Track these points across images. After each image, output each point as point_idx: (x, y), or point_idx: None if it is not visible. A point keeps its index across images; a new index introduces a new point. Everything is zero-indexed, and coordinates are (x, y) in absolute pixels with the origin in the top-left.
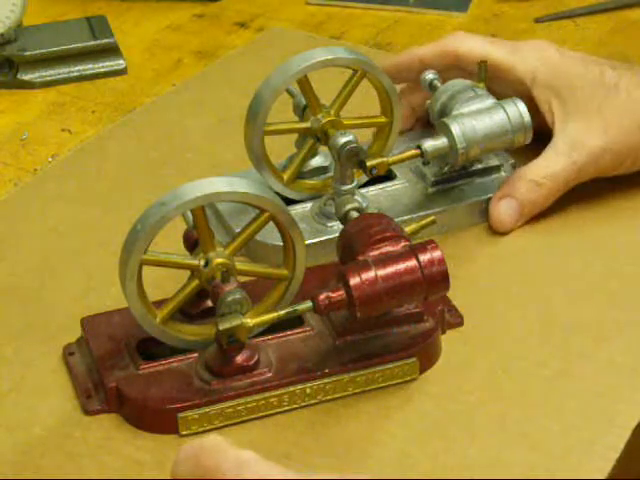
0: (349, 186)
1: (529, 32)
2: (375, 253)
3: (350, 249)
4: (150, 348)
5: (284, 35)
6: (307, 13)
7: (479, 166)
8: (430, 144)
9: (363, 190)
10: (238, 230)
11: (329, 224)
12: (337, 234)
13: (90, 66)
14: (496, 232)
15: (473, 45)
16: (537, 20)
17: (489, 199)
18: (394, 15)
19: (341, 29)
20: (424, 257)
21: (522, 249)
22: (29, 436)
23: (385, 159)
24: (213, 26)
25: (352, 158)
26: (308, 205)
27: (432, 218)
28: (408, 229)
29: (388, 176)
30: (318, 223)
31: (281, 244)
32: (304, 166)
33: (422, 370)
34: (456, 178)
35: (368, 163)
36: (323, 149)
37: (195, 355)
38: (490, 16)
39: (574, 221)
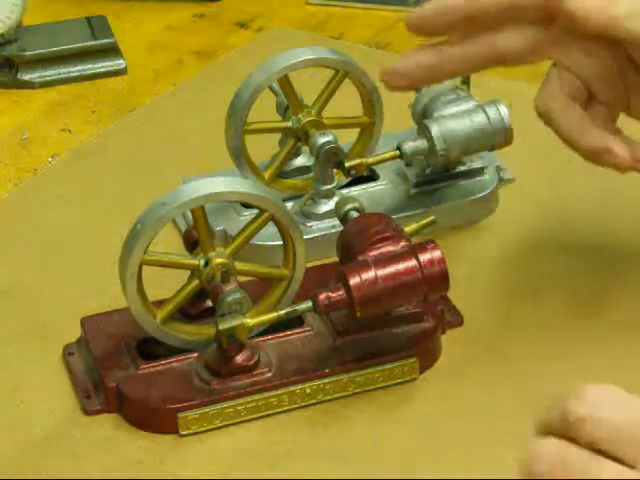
0: (329, 186)
1: None
2: (375, 253)
3: (350, 249)
4: (150, 348)
5: (284, 35)
6: (307, 13)
7: (462, 168)
8: (409, 145)
9: (344, 191)
10: (218, 228)
11: (309, 224)
12: (317, 234)
13: (90, 66)
14: None
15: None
16: None
17: (472, 201)
18: (394, 15)
19: (341, 29)
20: (424, 257)
21: (522, 249)
22: (29, 436)
23: (363, 160)
24: (213, 26)
25: (331, 158)
26: (288, 205)
27: (432, 218)
28: (408, 229)
29: (371, 177)
30: (298, 223)
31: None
32: (287, 165)
33: (422, 370)
34: (439, 180)
35: (347, 164)
36: (306, 149)
37: (195, 355)
38: None
39: (573, 222)
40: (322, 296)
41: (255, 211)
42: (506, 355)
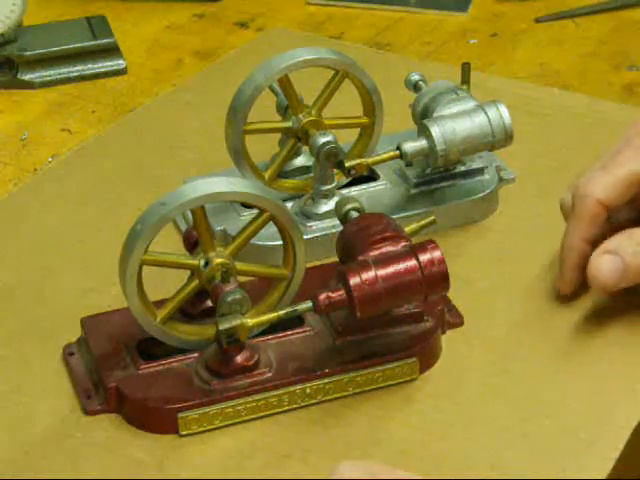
0: (329, 186)
1: (529, 32)
2: (375, 253)
3: (350, 249)
4: (150, 348)
5: (284, 35)
6: (307, 13)
7: (462, 168)
8: (410, 145)
9: (344, 191)
10: (218, 228)
11: (309, 224)
12: (317, 234)
13: (90, 66)
14: (592, 287)
15: None
16: (537, 20)
17: (472, 201)
18: (394, 15)
19: (341, 29)
20: (424, 257)
21: (522, 249)
22: (29, 436)
23: (363, 160)
24: (213, 26)
25: (331, 158)
26: (288, 205)
27: (432, 218)
28: (408, 229)
29: (371, 177)
30: (298, 223)
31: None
32: (287, 165)
33: (422, 370)
34: (439, 180)
35: (347, 164)
36: (306, 149)
37: (195, 355)
38: (490, 16)
39: None
40: (322, 296)
41: (255, 211)
42: (506, 355)
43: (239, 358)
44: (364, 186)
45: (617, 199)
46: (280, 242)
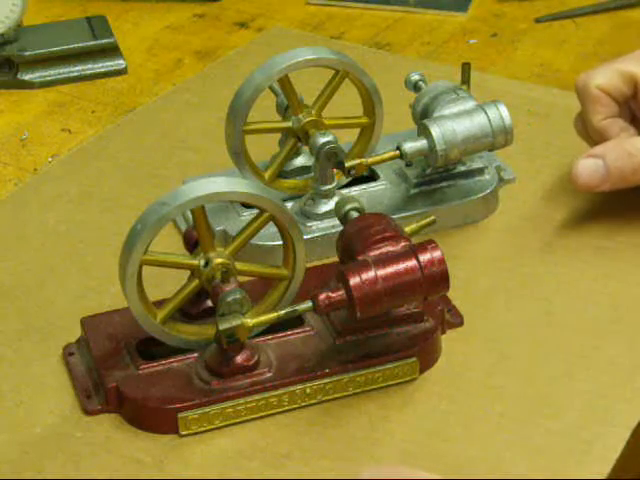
0: (329, 186)
1: (529, 32)
2: (375, 253)
3: (350, 249)
4: (150, 348)
5: (284, 35)
6: (307, 13)
7: (462, 168)
8: (409, 145)
9: (345, 190)
10: (218, 228)
11: (309, 224)
12: (317, 234)
13: (90, 66)
14: (575, 187)
15: None
16: (537, 20)
17: (472, 201)
18: (394, 15)
19: (341, 29)
20: (424, 257)
21: (522, 249)
22: (29, 436)
23: (363, 160)
24: (213, 26)
25: (331, 158)
26: (288, 205)
27: (432, 218)
28: (408, 229)
29: (371, 177)
30: (298, 223)
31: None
32: (287, 165)
33: (422, 370)
34: (438, 180)
35: (347, 164)
36: (306, 149)
37: (195, 355)
38: (490, 16)
39: (574, 222)
40: (322, 296)
41: (255, 211)
42: (506, 355)
43: (239, 358)
44: (364, 186)
45: (614, 88)
46: (280, 242)
